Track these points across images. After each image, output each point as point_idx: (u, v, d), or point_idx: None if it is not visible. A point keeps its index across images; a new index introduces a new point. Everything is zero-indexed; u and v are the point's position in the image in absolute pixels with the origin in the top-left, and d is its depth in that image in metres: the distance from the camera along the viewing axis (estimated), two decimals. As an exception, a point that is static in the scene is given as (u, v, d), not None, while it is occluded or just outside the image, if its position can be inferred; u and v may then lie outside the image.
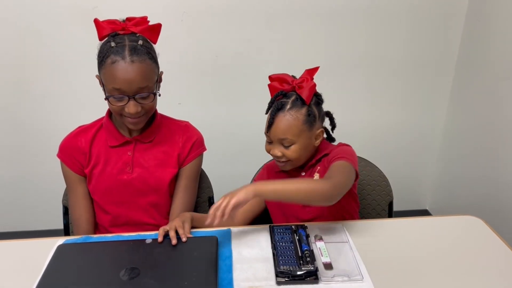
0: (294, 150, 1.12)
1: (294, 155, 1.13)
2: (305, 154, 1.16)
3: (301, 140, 1.12)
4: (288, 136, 1.10)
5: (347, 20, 1.94)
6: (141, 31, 1.09)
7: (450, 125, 2.16)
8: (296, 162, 1.16)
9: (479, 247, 1.05)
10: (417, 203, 2.42)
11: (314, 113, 1.14)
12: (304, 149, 1.14)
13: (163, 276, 0.90)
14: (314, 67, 1.15)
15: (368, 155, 1.49)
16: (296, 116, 1.10)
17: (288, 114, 1.10)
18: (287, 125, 1.10)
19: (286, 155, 1.13)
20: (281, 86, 1.15)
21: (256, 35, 1.93)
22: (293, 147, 1.12)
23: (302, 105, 1.11)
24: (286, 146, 1.12)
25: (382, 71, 2.06)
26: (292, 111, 1.10)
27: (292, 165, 1.17)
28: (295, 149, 1.12)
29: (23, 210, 2.21)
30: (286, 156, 1.13)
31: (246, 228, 1.13)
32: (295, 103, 1.11)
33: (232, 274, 0.94)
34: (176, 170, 1.23)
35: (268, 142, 1.16)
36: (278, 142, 1.12)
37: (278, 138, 1.11)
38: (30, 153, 2.08)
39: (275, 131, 1.11)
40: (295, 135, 1.11)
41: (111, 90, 1.06)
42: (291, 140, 1.11)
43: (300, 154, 1.13)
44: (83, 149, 1.19)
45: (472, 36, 1.94)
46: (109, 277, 0.92)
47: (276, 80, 1.16)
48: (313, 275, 0.92)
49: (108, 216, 1.24)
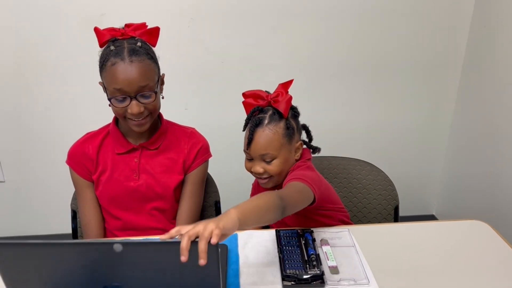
0: (276, 164, 1.12)
1: (276, 169, 1.12)
2: (286, 168, 1.15)
3: (282, 153, 1.12)
4: (270, 151, 1.10)
5: (353, 22, 1.94)
6: (140, 35, 1.11)
7: (456, 129, 2.16)
8: (278, 178, 1.15)
9: (485, 252, 1.04)
10: (424, 208, 2.41)
11: (293, 126, 1.14)
12: (285, 163, 1.13)
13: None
14: (288, 80, 1.13)
15: (374, 159, 1.49)
16: (275, 130, 1.10)
17: (267, 129, 1.09)
18: (268, 140, 1.09)
19: (268, 171, 1.12)
20: (256, 102, 1.14)
21: (262, 39, 1.94)
22: (274, 161, 1.11)
23: (280, 119, 1.11)
24: (268, 162, 1.11)
25: (388, 74, 2.06)
26: (271, 125, 1.10)
27: (274, 182, 1.16)
28: (276, 164, 1.11)
29: (31, 214, 2.23)
30: (268, 172, 1.12)
31: (252, 232, 1.13)
32: (273, 117, 1.11)
33: (239, 278, 0.95)
34: (181, 177, 1.24)
35: (248, 160, 1.15)
36: (259, 158, 1.12)
37: (259, 154, 1.11)
38: (38, 158, 2.10)
39: (256, 147, 1.10)
40: (276, 149, 1.10)
41: (112, 91, 1.07)
42: (272, 154, 1.10)
43: (282, 168, 1.13)
44: (91, 156, 1.21)
45: (478, 38, 1.94)
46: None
47: (250, 96, 1.16)
48: (319, 279, 0.92)
49: (115, 222, 1.25)
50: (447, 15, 1.96)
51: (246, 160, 1.17)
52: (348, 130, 2.16)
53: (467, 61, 2.02)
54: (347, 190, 1.44)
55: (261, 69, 1.99)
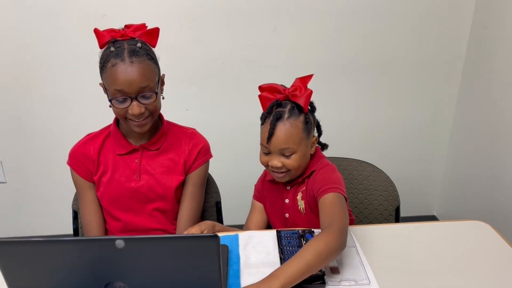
0: (295, 159, 1.11)
1: (295, 164, 1.11)
2: (304, 163, 1.15)
3: (301, 148, 1.11)
4: (290, 145, 1.09)
5: (355, 22, 1.94)
6: (140, 36, 1.11)
7: (457, 130, 2.16)
8: (296, 172, 1.14)
9: (487, 252, 1.04)
10: (425, 209, 2.41)
11: (311, 121, 1.13)
12: (303, 157, 1.12)
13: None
14: (307, 75, 1.12)
15: (375, 160, 1.49)
16: (295, 124, 1.09)
17: (288, 123, 1.08)
18: (288, 134, 1.08)
19: (287, 165, 1.11)
20: (273, 95, 1.13)
21: (263, 40, 1.94)
22: (293, 156, 1.10)
23: (299, 114, 1.10)
24: (287, 156, 1.10)
25: (389, 75, 2.06)
26: (291, 119, 1.09)
27: (291, 175, 1.15)
28: (296, 158, 1.11)
29: (33, 215, 2.23)
30: (287, 166, 1.11)
31: (253, 233, 1.13)
32: (292, 111, 1.10)
33: (239, 279, 0.95)
34: (182, 177, 1.25)
35: (265, 154, 1.14)
36: (279, 152, 1.11)
37: (280, 148, 1.10)
38: (39, 159, 2.10)
39: (276, 141, 1.09)
40: (296, 143, 1.09)
41: (113, 92, 1.07)
42: (292, 149, 1.09)
43: (300, 162, 1.12)
44: (92, 157, 1.21)
45: (479, 39, 1.94)
46: None
47: (266, 90, 1.15)
48: (320, 280, 0.92)
49: (116, 222, 1.25)
50: (447, 15, 1.96)
51: (262, 154, 1.15)
52: (349, 131, 2.16)
53: (468, 62, 2.02)
54: (348, 190, 1.44)
55: (262, 70, 1.99)
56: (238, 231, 1.15)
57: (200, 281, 0.77)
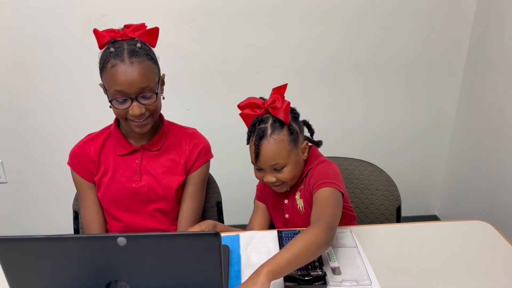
0: (288, 171, 1.10)
1: (288, 176, 1.11)
2: (298, 172, 1.14)
3: (291, 159, 1.10)
4: (279, 160, 1.08)
5: (356, 23, 1.94)
6: (139, 36, 1.11)
7: (459, 130, 2.15)
8: (291, 182, 1.15)
9: (488, 252, 1.04)
10: (426, 209, 2.41)
11: (296, 130, 1.11)
12: (295, 167, 1.12)
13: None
14: (282, 85, 1.10)
15: (376, 160, 1.49)
16: (280, 139, 1.07)
17: (272, 140, 1.07)
18: (274, 151, 1.07)
19: (281, 178, 1.11)
20: (253, 112, 1.11)
21: (264, 40, 1.94)
22: (285, 169, 1.10)
23: (281, 127, 1.08)
24: (279, 170, 1.10)
25: (390, 75, 2.06)
26: (275, 135, 1.07)
27: (288, 186, 1.15)
28: (288, 171, 1.10)
29: (33, 215, 2.23)
30: (281, 179, 1.11)
31: (254, 233, 1.13)
32: (274, 125, 1.08)
33: (241, 280, 0.95)
34: (183, 178, 1.24)
35: (258, 170, 1.14)
36: (270, 168, 1.10)
37: (269, 165, 1.09)
38: (40, 159, 2.10)
39: (264, 159, 1.08)
40: (285, 157, 1.08)
41: (113, 93, 1.07)
42: (282, 163, 1.09)
43: (293, 173, 1.12)
44: (92, 157, 1.21)
45: (480, 37, 1.94)
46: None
47: (247, 107, 1.12)
48: (321, 280, 0.92)
49: (116, 223, 1.25)
50: (449, 15, 1.96)
51: (256, 170, 1.15)
52: (350, 131, 2.16)
53: (469, 63, 2.02)
54: (349, 190, 1.44)
55: (263, 70, 1.99)
56: (239, 231, 1.15)
57: (202, 278, 0.77)
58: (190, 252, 0.74)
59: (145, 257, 0.75)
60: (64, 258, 0.76)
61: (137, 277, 0.77)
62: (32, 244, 0.75)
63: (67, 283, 0.78)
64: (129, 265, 0.76)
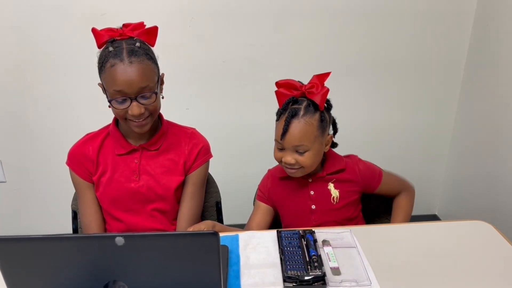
0: (309, 156, 1.12)
1: (308, 161, 1.12)
2: (317, 160, 1.16)
3: (315, 146, 1.12)
4: (304, 142, 1.10)
5: (355, 22, 1.94)
6: (138, 35, 1.10)
7: (459, 130, 2.15)
8: (308, 169, 1.16)
9: (489, 253, 1.03)
10: (426, 208, 2.40)
11: (326, 119, 1.14)
12: (317, 155, 1.14)
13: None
14: (325, 73, 1.13)
15: (376, 159, 1.47)
16: (310, 122, 1.10)
17: (303, 121, 1.09)
18: (303, 132, 1.09)
19: (300, 162, 1.12)
20: (289, 92, 1.13)
21: (263, 39, 1.93)
22: (307, 153, 1.12)
23: (315, 111, 1.11)
24: (301, 153, 1.12)
25: (391, 74, 2.05)
26: (306, 117, 1.09)
27: (303, 172, 1.16)
28: (309, 156, 1.12)
29: (32, 215, 2.23)
30: (300, 163, 1.12)
31: (253, 233, 1.13)
32: (308, 109, 1.10)
33: (240, 280, 0.94)
34: (182, 178, 1.24)
35: (279, 149, 1.15)
36: (292, 149, 1.12)
37: (293, 145, 1.11)
38: (39, 159, 2.10)
39: (290, 138, 1.10)
40: (310, 141, 1.10)
41: (112, 93, 1.06)
42: (306, 146, 1.10)
43: (313, 160, 1.13)
44: (91, 157, 1.21)
45: (480, 38, 1.93)
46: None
47: (283, 86, 1.15)
48: (320, 280, 0.91)
49: (115, 223, 1.25)
50: (449, 14, 1.95)
51: (276, 150, 1.16)
52: (350, 131, 2.14)
53: (470, 62, 2.01)
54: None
55: (263, 69, 1.98)
56: (238, 231, 1.14)
57: (200, 278, 0.76)
58: (189, 252, 0.74)
59: (143, 257, 0.74)
60: (61, 258, 0.75)
61: (135, 277, 0.76)
62: (29, 244, 0.75)
63: (65, 283, 0.78)
64: (127, 265, 0.75)
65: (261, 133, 2.10)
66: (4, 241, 0.74)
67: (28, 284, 0.78)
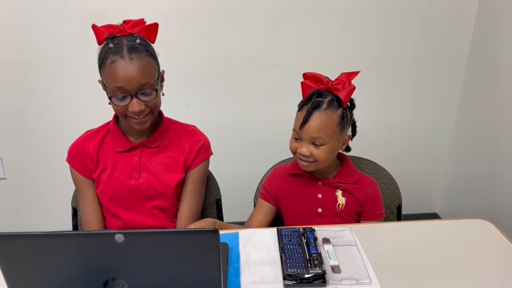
0: (324, 151, 1.12)
1: (323, 156, 1.12)
2: (331, 157, 1.16)
3: (332, 142, 1.12)
4: (322, 135, 1.10)
5: (356, 21, 1.93)
6: (139, 32, 1.10)
7: (460, 128, 2.14)
8: (321, 164, 1.15)
9: (489, 252, 1.03)
10: (426, 207, 2.40)
11: (348, 117, 1.14)
12: (332, 151, 1.14)
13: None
14: (354, 71, 1.14)
15: (377, 158, 1.48)
16: (331, 116, 1.10)
17: (324, 114, 1.10)
18: (322, 124, 1.09)
19: (314, 155, 1.12)
20: (315, 85, 1.14)
21: (264, 37, 1.93)
22: (323, 147, 1.11)
23: (338, 107, 1.11)
24: (317, 146, 1.12)
25: (391, 71, 2.05)
26: (328, 111, 1.10)
27: (316, 166, 1.16)
28: (324, 150, 1.12)
29: (32, 212, 2.23)
30: (314, 156, 1.12)
31: (254, 231, 1.12)
32: (331, 104, 1.11)
33: (239, 277, 0.94)
34: (182, 175, 1.24)
35: (295, 139, 1.15)
36: (309, 140, 1.12)
37: (311, 136, 1.11)
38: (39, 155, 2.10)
39: (309, 129, 1.10)
40: (328, 135, 1.10)
41: (113, 90, 1.06)
42: (323, 140, 1.10)
43: (327, 156, 1.13)
44: (91, 154, 1.20)
45: (482, 36, 1.92)
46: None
47: (310, 78, 1.16)
48: (321, 278, 0.91)
49: (115, 220, 1.24)
50: (450, 12, 1.94)
51: (293, 140, 1.16)
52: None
53: (471, 59, 2.01)
54: (349, 188, 1.43)
55: (264, 67, 1.98)
56: (239, 229, 1.14)
57: (200, 276, 0.76)
58: (189, 249, 0.74)
59: (143, 254, 0.74)
60: (61, 255, 0.75)
61: (135, 275, 0.76)
62: (29, 241, 0.75)
63: (65, 280, 0.78)
64: (127, 262, 0.75)
65: (262, 131, 2.10)
66: (3, 238, 0.74)
67: (27, 281, 0.77)
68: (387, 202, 1.39)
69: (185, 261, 0.75)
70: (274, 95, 2.03)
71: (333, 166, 1.23)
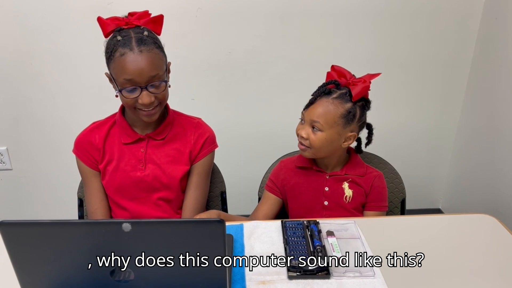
0: (319, 138, 1.13)
1: (317, 142, 1.13)
2: (327, 149, 1.16)
3: (330, 131, 1.12)
4: (321, 120, 1.11)
5: (361, 19, 1.92)
6: (144, 24, 1.10)
7: (464, 124, 2.14)
8: (315, 152, 1.16)
9: (493, 246, 1.04)
10: (430, 202, 2.40)
11: (355, 113, 1.14)
12: (328, 142, 1.14)
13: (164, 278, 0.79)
14: (376, 73, 1.17)
15: (382, 152, 1.48)
16: (337, 106, 1.11)
17: (331, 101, 1.12)
18: (325, 110, 1.11)
19: (310, 140, 1.14)
20: (338, 78, 1.16)
21: (270, 31, 1.92)
22: (319, 134, 1.13)
23: (348, 101, 1.12)
24: (315, 130, 1.13)
25: (397, 69, 2.04)
26: (337, 101, 1.12)
27: (310, 154, 1.17)
28: (320, 137, 1.13)
29: (38, 202, 2.25)
30: (310, 140, 1.14)
31: (258, 223, 1.13)
32: (343, 96, 1.13)
33: (244, 269, 0.95)
34: (188, 167, 1.24)
35: (301, 122, 1.18)
36: (310, 123, 1.14)
37: (311, 119, 1.13)
38: (45, 146, 2.11)
39: (311, 111, 1.13)
40: (328, 123, 1.11)
41: (122, 82, 1.06)
42: (321, 126, 1.12)
43: (322, 144, 1.14)
44: (97, 145, 1.21)
45: (487, 37, 1.91)
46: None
47: (336, 71, 1.18)
48: (324, 271, 0.92)
49: (121, 211, 1.25)
50: (455, 11, 1.93)
51: (300, 123, 1.19)
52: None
53: (476, 58, 2.00)
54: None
55: (269, 61, 1.97)
56: (243, 220, 1.15)
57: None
58: (195, 239, 0.75)
59: (149, 243, 0.75)
60: (69, 243, 0.76)
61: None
62: (37, 229, 0.76)
63: (72, 269, 0.79)
64: (134, 251, 0.76)
65: (267, 124, 2.10)
66: (12, 226, 0.75)
67: (35, 269, 0.79)
68: (391, 196, 1.40)
69: (191, 251, 0.76)
70: (279, 88, 2.03)
71: (341, 160, 1.24)
